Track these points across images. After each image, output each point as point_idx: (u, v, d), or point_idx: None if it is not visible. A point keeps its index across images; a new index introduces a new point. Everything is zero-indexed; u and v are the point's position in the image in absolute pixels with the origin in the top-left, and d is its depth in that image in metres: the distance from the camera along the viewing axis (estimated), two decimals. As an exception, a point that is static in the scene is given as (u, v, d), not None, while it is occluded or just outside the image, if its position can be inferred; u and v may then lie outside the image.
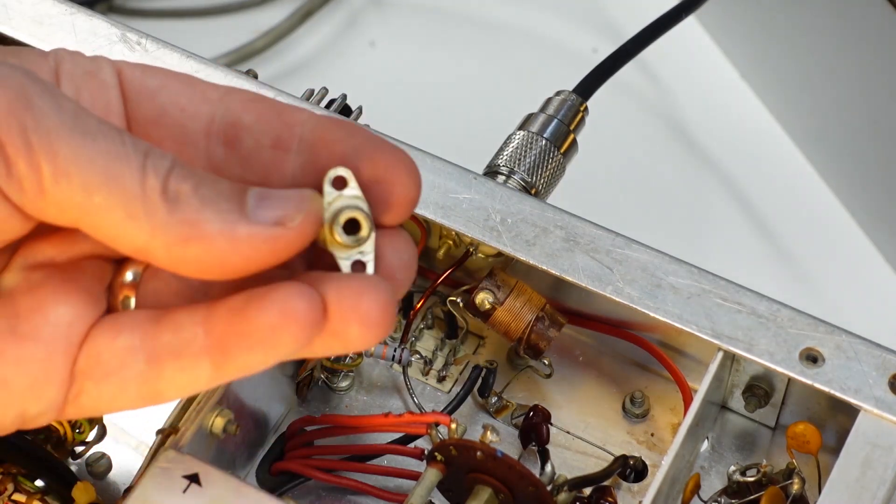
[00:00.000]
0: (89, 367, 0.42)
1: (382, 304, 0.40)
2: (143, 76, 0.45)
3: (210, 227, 0.40)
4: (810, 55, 0.87)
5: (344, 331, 0.40)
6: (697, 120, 0.91)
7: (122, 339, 0.42)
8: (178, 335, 0.41)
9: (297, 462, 0.57)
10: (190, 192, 0.40)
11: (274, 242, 0.40)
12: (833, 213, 0.87)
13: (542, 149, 0.64)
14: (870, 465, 0.51)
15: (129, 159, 0.40)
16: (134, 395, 0.42)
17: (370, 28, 0.96)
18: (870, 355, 0.54)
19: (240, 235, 0.40)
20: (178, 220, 0.40)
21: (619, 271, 0.56)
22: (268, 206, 0.41)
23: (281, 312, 0.40)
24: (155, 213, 0.40)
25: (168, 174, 0.40)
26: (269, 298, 0.40)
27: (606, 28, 0.95)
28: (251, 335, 0.40)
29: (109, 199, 0.40)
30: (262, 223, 0.40)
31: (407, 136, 0.61)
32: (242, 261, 0.40)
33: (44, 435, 0.57)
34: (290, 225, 0.40)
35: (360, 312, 0.40)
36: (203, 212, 0.40)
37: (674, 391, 0.60)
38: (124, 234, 0.40)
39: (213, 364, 0.41)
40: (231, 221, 0.40)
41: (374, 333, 0.40)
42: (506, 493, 0.53)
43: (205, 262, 0.40)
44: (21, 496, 0.55)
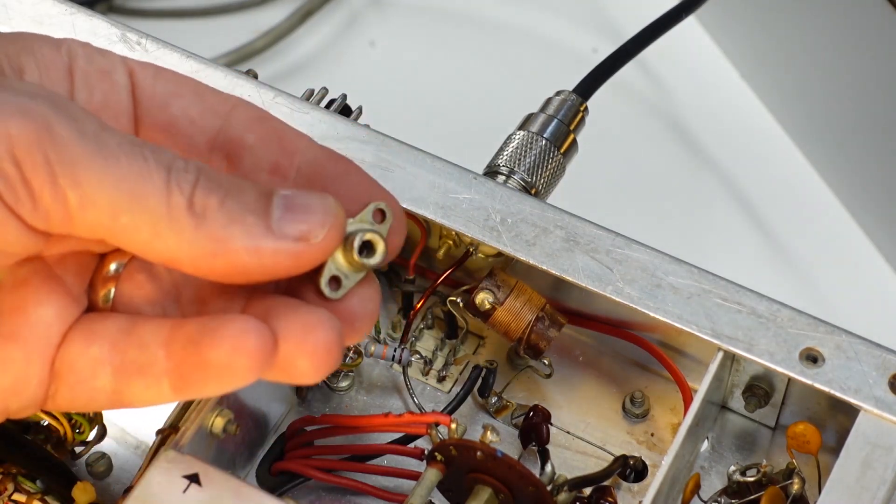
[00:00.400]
0: (64, 372, 0.43)
1: (330, 341, 0.42)
2: (155, 81, 0.45)
3: (236, 243, 0.41)
4: (810, 55, 0.87)
5: (292, 363, 0.42)
6: (697, 120, 0.91)
7: (93, 349, 0.43)
8: (143, 354, 0.42)
9: (297, 462, 0.57)
10: (216, 206, 0.41)
11: (297, 258, 0.42)
12: (833, 213, 0.87)
13: (542, 149, 0.64)
14: (870, 465, 0.51)
15: (152, 177, 0.41)
16: (104, 401, 0.43)
17: (370, 28, 0.96)
18: (870, 355, 0.54)
19: (264, 251, 0.41)
20: (205, 236, 0.41)
21: (619, 271, 0.56)
22: (292, 219, 0.42)
23: (232, 349, 0.41)
24: (181, 231, 0.41)
25: (194, 188, 0.41)
26: (221, 334, 0.41)
27: (606, 28, 0.95)
28: (204, 367, 0.41)
29: (135, 220, 0.41)
30: (287, 238, 0.41)
31: (407, 136, 0.61)
32: (265, 272, 0.42)
33: (44, 435, 0.57)
34: (313, 240, 0.42)
35: (309, 348, 0.41)
36: (229, 228, 0.41)
37: (674, 391, 0.60)
38: (152, 249, 0.41)
39: (172, 386, 0.42)
40: (257, 237, 0.41)
41: (320, 369, 0.42)
42: (506, 493, 0.53)
43: (229, 273, 0.42)
44: (21, 496, 0.55)
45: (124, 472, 0.59)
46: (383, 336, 0.62)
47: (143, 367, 0.42)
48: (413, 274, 0.61)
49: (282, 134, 0.45)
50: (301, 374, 0.42)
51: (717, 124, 0.91)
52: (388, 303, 0.63)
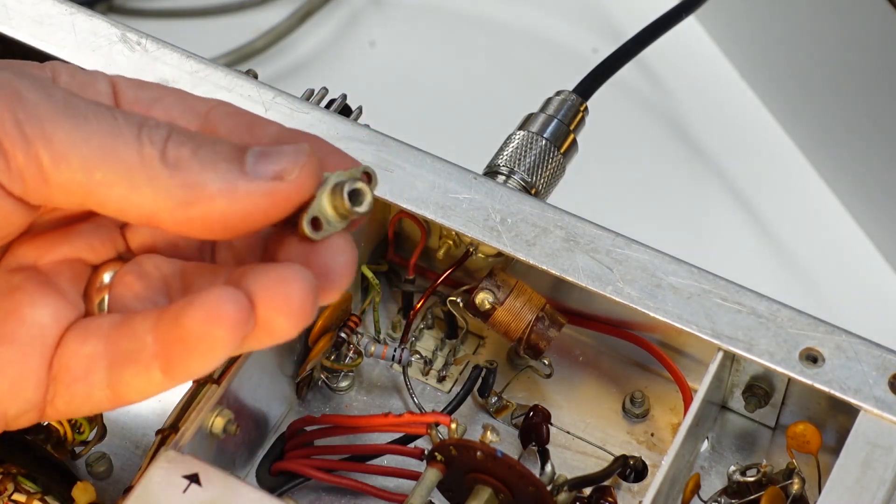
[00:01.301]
0: (60, 373, 0.43)
1: (304, 290, 0.42)
2: (138, 90, 0.46)
3: (211, 187, 0.41)
4: (810, 55, 0.87)
5: (268, 321, 0.42)
6: (697, 120, 0.91)
7: (88, 345, 0.43)
8: (133, 342, 0.43)
9: (297, 462, 0.57)
10: (189, 155, 0.42)
11: (273, 197, 0.42)
12: (833, 213, 0.87)
13: (542, 149, 0.64)
14: (870, 465, 0.51)
15: (122, 133, 0.41)
16: (100, 399, 0.43)
17: (370, 28, 0.96)
18: (870, 355, 0.54)
19: (240, 193, 0.41)
20: (179, 184, 0.41)
21: (619, 271, 0.56)
22: (266, 162, 0.42)
23: (207, 317, 0.41)
24: (156, 180, 0.41)
25: (166, 141, 0.42)
26: (195, 305, 0.41)
27: (606, 28, 0.95)
28: (185, 341, 0.41)
29: (110, 175, 0.41)
30: (262, 178, 0.42)
31: (407, 136, 0.61)
32: (244, 217, 0.42)
33: (44, 435, 0.57)
34: (288, 178, 0.42)
35: (282, 301, 0.41)
36: (203, 173, 0.41)
37: (674, 391, 0.60)
38: (130, 205, 0.42)
39: (162, 370, 0.42)
40: (231, 180, 0.42)
41: (297, 321, 0.42)
42: (506, 493, 0.53)
43: (209, 222, 0.42)
44: (21, 496, 0.55)
45: (124, 472, 0.59)
46: (383, 336, 0.62)
47: (133, 355, 0.42)
48: (413, 274, 0.61)
49: (253, 122, 0.46)
50: (279, 331, 0.42)
51: (717, 124, 0.91)
52: (388, 303, 0.63)
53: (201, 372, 0.42)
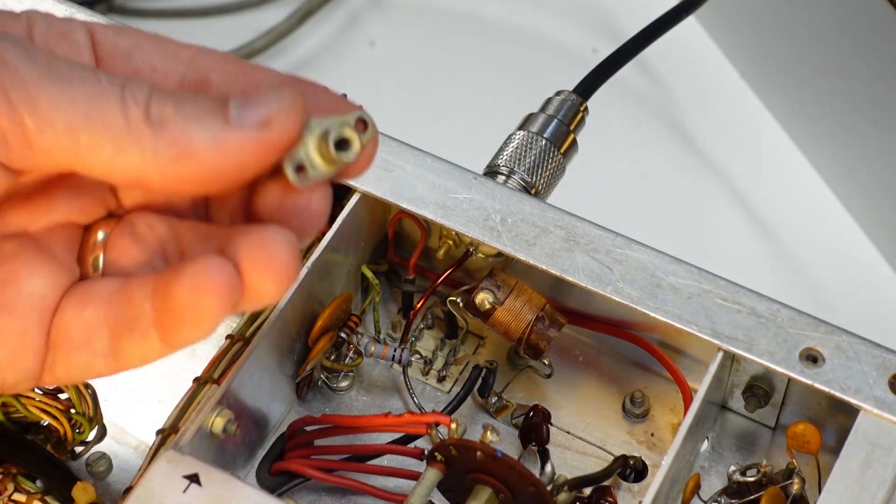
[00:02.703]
0: (60, 340, 0.43)
1: (288, 252, 0.42)
2: (116, 37, 0.45)
3: (198, 141, 0.41)
4: (810, 55, 0.87)
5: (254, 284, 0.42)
6: (697, 120, 0.91)
7: (87, 312, 0.43)
8: (132, 309, 0.43)
9: (297, 462, 0.57)
10: (173, 112, 0.41)
11: (261, 144, 0.41)
12: (833, 213, 0.87)
13: (542, 149, 0.64)
14: (870, 465, 0.51)
15: (106, 94, 0.41)
16: (101, 366, 0.43)
17: (370, 28, 0.96)
18: (870, 355, 0.54)
19: (228, 143, 0.41)
20: (166, 142, 0.41)
21: (619, 271, 0.56)
22: (251, 110, 0.42)
23: (195, 288, 0.41)
24: (142, 140, 0.41)
25: (148, 100, 0.41)
26: (182, 275, 0.41)
27: (606, 28, 0.95)
28: (177, 311, 0.41)
29: (95, 137, 0.41)
30: (248, 126, 0.41)
31: (407, 136, 0.61)
32: (234, 167, 0.41)
33: (44, 435, 0.57)
34: (274, 125, 0.42)
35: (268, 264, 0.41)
36: (188, 128, 0.41)
37: (674, 391, 0.60)
38: (117, 167, 0.41)
39: (160, 338, 0.42)
40: (217, 132, 0.41)
41: (284, 281, 0.42)
42: (506, 493, 0.53)
43: (199, 177, 0.42)
44: (21, 496, 0.55)
45: (124, 472, 0.59)
46: (383, 336, 0.62)
47: (133, 323, 0.42)
48: (413, 274, 0.61)
49: (247, 68, 0.45)
50: (265, 292, 0.42)
51: (717, 124, 0.91)
52: (388, 303, 0.63)
53: (198, 338, 0.42)
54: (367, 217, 0.61)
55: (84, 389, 0.56)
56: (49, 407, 0.56)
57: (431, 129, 0.89)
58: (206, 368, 0.57)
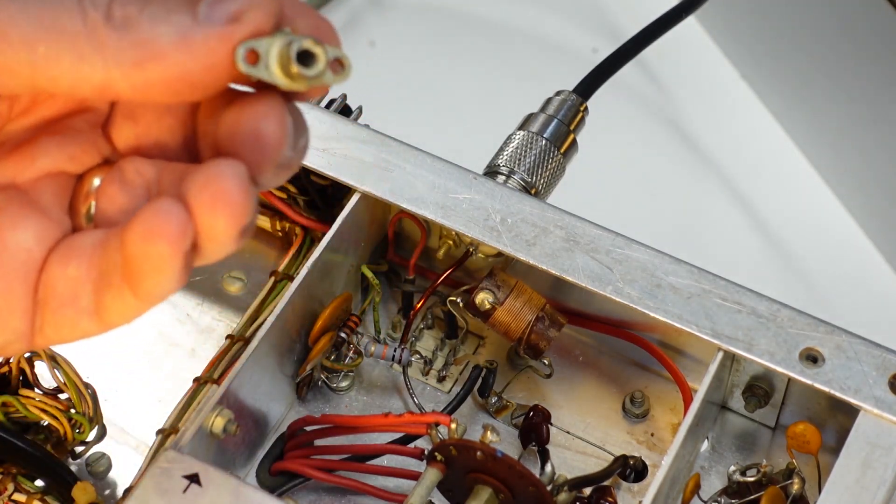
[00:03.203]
0: (47, 298, 0.41)
1: (236, 184, 0.39)
2: None
3: (164, 41, 0.39)
4: (810, 55, 0.87)
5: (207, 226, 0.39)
6: (697, 120, 0.91)
7: (71, 268, 0.41)
8: (108, 263, 0.40)
9: (297, 462, 0.57)
10: (137, 12, 0.39)
11: (231, 41, 0.39)
12: (833, 213, 0.87)
13: (542, 149, 0.64)
14: (870, 465, 0.51)
15: (63, 3, 0.39)
16: (87, 324, 0.41)
17: (370, 28, 0.96)
18: (870, 355, 0.54)
19: (196, 42, 0.39)
20: (130, 44, 0.39)
21: (619, 271, 0.56)
22: (219, 7, 0.39)
23: (144, 235, 0.39)
24: (104, 45, 0.39)
25: (110, 2, 0.39)
26: (134, 223, 0.39)
27: (606, 28, 0.95)
28: (134, 261, 0.39)
29: (54, 46, 0.39)
30: (217, 23, 0.39)
31: (407, 136, 0.61)
32: (204, 68, 0.39)
33: (44, 435, 0.57)
34: (244, 19, 0.39)
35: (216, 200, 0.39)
36: (154, 28, 0.39)
37: (674, 391, 0.60)
38: (81, 77, 0.39)
39: (132, 291, 0.40)
40: (184, 30, 0.39)
41: (236, 217, 0.39)
42: (506, 493, 0.53)
43: (169, 82, 0.39)
44: (21, 496, 0.55)
45: (124, 472, 0.59)
46: (383, 336, 0.62)
47: (110, 276, 0.40)
48: (413, 274, 0.61)
49: None
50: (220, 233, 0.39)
51: (717, 124, 0.91)
52: (388, 303, 0.63)
53: (167, 290, 0.40)
54: (367, 217, 0.61)
55: (84, 389, 0.56)
56: (49, 407, 0.56)
57: (431, 129, 0.89)
58: (206, 368, 0.57)
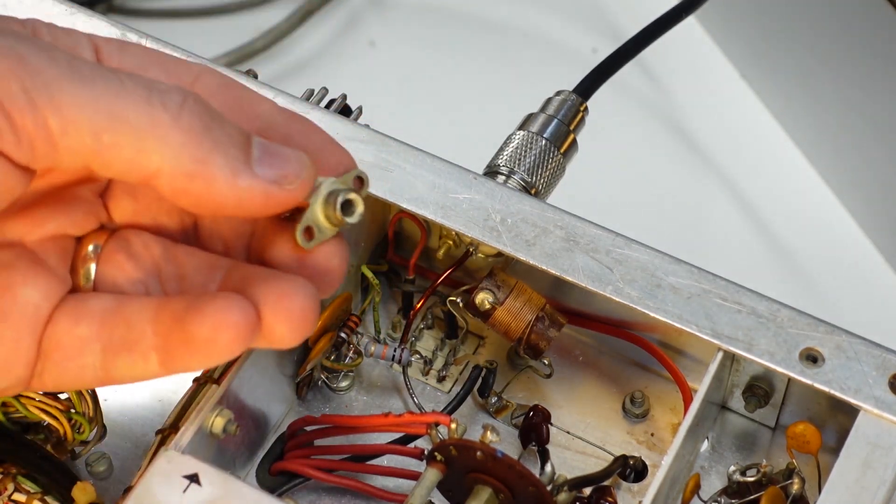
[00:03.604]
0: (51, 350, 0.44)
1: (307, 307, 0.44)
2: (121, 55, 0.46)
3: (217, 169, 0.42)
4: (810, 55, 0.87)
5: (272, 331, 0.43)
6: (697, 120, 0.91)
7: (81, 327, 0.44)
8: (130, 332, 0.44)
9: (297, 462, 0.57)
10: (201, 129, 0.42)
11: (269, 198, 0.43)
12: (833, 213, 0.87)
13: (542, 149, 0.64)
14: (870, 465, 0.51)
15: (131, 95, 0.41)
16: (91, 378, 0.44)
17: (370, 28, 0.96)
18: (870, 355, 0.54)
19: (241, 183, 0.42)
20: (188, 155, 0.42)
21: (619, 271, 0.56)
22: (270, 162, 0.43)
23: (216, 324, 0.42)
24: (167, 146, 0.42)
25: (181, 107, 0.42)
26: (205, 311, 0.42)
27: (606, 28, 0.95)
28: (191, 343, 0.43)
29: (118, 137, 0.41)
30: (263, 178, 0.43)
31: (407, 136, 0.61)
32: (236, 205, 0.43)
33: (44, 435, 0.57)
34: (286, 186, 0.43)
35: (287, 314, 0.43)
36: (213, 153, 0.42)
37: (674, 391, 0.60)
38: (135, 166, 0.42)
39: (160, 361, 0.43)
40: (236, 169, 0.42)
41: (299, 332, 0.44)
42: (506, 493, 0.53)
43: (203, 200, 0.43)
44: (21, 496, 0.55)
45: (124, 472, 0.59)
46: (383, 336, 0.62)
47: (131, 344, 0.43)
48: (413, 274, 0.61)
49: (245, 99, 0.46)
50: (280, 339, 0.43)
51: (717, 124, 0.91)
52: (388, 303, 0.63)
53: (201, 368, 0.44)
54: (367, 217, 0.60)
55: (84, 390, 0.56)
56: (49, 407, 0.56)
57: (431, 129, 0.89)
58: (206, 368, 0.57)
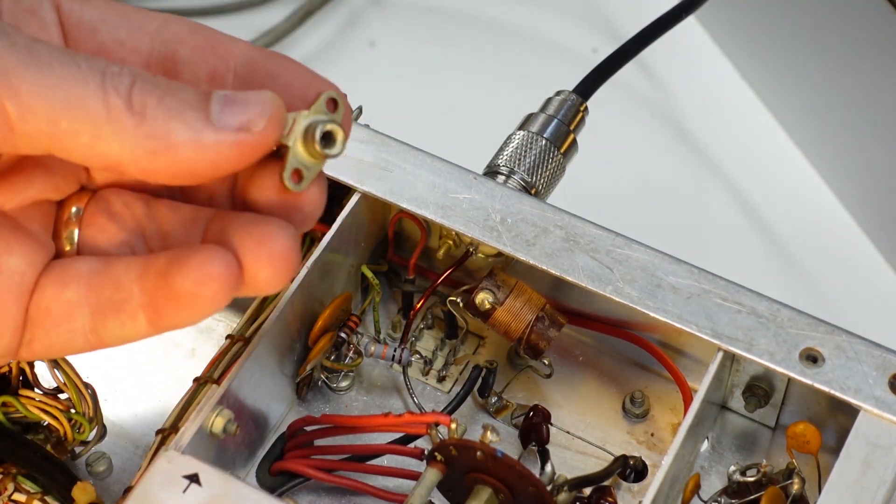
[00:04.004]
0: (40, 317, 0.44)
1: (287, 247, 0.43)
2: (82, 9, 0.45)
3: (177, 137, 0.41)
4: (810, 55, 0.87)
5: (256, 277, 0.43)
6: (697, 120, 0.91)
7: (68, 291, 0.44)
8: (118, 292, 0.43)
9: (297, 462, 0.57)
10: (155, 104, 0.41)
11: (240, 147, 0.42)
12: (833, 213, 0.87)
13: (542, 149, 0.64)
14: (870, 465, 0.51)
15: (87, 81, 0.41)
16: (81, 343, 0.44)
17: (370, 28, 0.96)
18: (870, 355, 0.54)
19: (206, 143, 0.42)
20: (145, 134, 0.41)
21: (619, 271, 0.56)
22: (232, 111, 0.42)
23: (198, 278, 0.42)
24: (122, 130, 0.41)
25: (131, 88, 0.41)
26: (187, 265, 0.42)
27: (606, 28, 0.95)
28: (176, 298, 0.42)
29: (75, 124, 0.41)
30: (228, 129, 0.42)
31: (407, 136, 0.61)
32: (210, 166, 0.42)
33: (44, 435, 0.57)
34: (254, 130, 0.42)
35: (268, 259, 0.43)
36: (169, 122, 0.41)
37: (674, 391, 0.60)
38: (95, 153, 0.42)
39: (149, 320, 0.43)
40: (197, 130, 0.42)
41: (282, 276, 0.43)
42: (506, 493, 0.53)
43: (175, 170, 0.42)
44: (21, 496, 0.55)
45: (124, 472, 0.59)
46: (383, 336, 0.62)
47: (119, 304, 0.43)
48: (413, 274, 0.61)
49: (215, 41, 0.46)
50: (266, 284, 0.43)
51: (717, 124, 0.91)
52: (388, 303, 0.63)
53: (189, 324, 0.43)
54: (367, 217, 0.61)
55: (84, 389, 0.56)
56: (49, 407, 0.56)
57: (431, 129, 0.89)
58: (206, 368, 0.57)
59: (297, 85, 0.45)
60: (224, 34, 0.46)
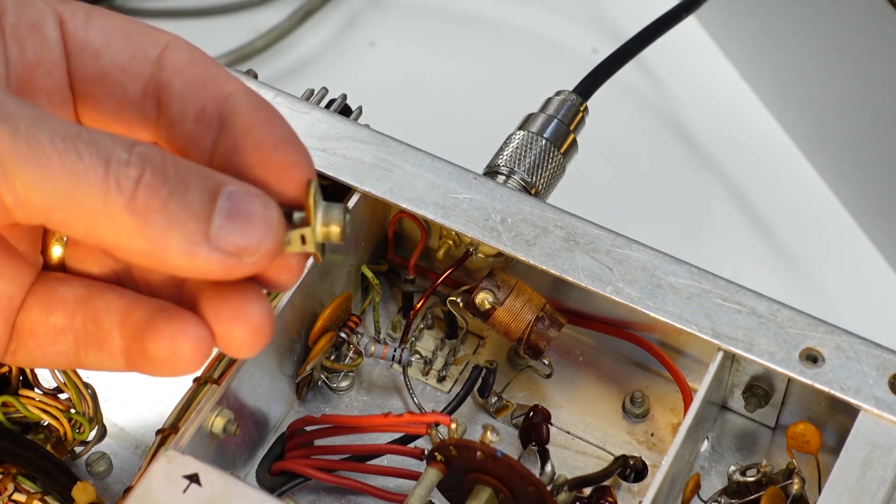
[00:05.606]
0: (25, 336, 0.45)
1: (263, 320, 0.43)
2: (87, 28, 0.45)
3: (172, 248, 0.41)
4: (810, 55, 0.87)
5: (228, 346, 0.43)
6: (697, 120, 0.91)
7: (54, 317, 0.45)
8: (99, 329, 0.44)
9: (297, 462, 0.57)
10: (158, 208, 0.41)
11: (227, 271, 0.42)
12: (833, 213, 0.87)
13: (542, 149, 0.64)
14: (870, 465, 0.51)
15: (87, 175, 0.40)
16: (64, 363, 0.45)
17: (370, 28, 0.96)
18: (870, 355, 0.54)
19: (198, 258, 0.41)
20: (142, 238, 0.41)
21: (619, 271, 0.56)
22: (231, 229, 0.41)
23: (171, 346, 0.43)
24: (117, 228, 0.41)
25: (136, 185, 0.41)
26: (162, 334, 0.43)
27: (606, 28, 0.95)
28: (150, 358, 0.43)
29: (70, 216, 0.41)
30: (222, 251, 0.41)
31: (407, 136, 0.61)
32: (195, 273, 0.42)
33: (44, 435, 0.57)
34: (245, 259, 0.42)
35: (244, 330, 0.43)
36: (169, 231, 0.41)
37: (674, 391, 0.60)
38: (89, 239, 0.42)
39: (126, 362, 0.44)
40: (193, 243, 0.41)
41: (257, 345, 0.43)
42: (506, 493, 0.53)
43: (161, 267, 0.42)
44: (21, 496, 0.55)
45: (124, 472, 0.59)
46: (383, 336, 0.62)
47: (100, 342, 0.44)
48: (413, 274, 0.61)
49: (210, 77, 0.45)
50: (238, 351, 0.43)
51: (717, 124, 0.91)
52: (388, 303, 0.63)
53: (164, 377, 0.44)
54: (367, 217, 0.61)
55: (84, 389, 0.56)
56: (49, 407, 0.56)
57: (431, 129, 0.88)
58: (206, 368, 0.57)
59: (266, 145, 0.43)
60: (223, 70, 0.45)
